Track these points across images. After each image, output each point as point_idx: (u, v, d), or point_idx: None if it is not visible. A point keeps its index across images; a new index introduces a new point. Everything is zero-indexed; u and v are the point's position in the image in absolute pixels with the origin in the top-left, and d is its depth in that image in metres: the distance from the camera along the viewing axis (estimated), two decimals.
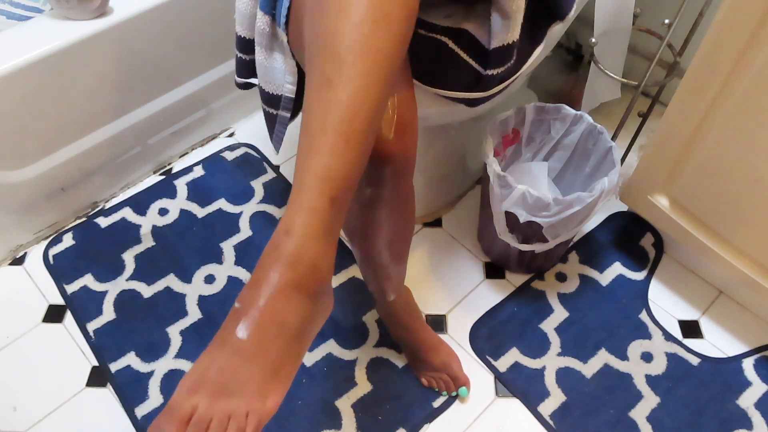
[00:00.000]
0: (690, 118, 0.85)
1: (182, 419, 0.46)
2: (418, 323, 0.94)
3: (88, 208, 1.21)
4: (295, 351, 0.50)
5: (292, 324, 0.49)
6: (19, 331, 1.04)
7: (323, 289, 0.51)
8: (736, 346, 1.01)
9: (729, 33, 0.75)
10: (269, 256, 0.49)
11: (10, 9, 1.12)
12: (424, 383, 0.97)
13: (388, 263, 0.78)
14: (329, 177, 0.48)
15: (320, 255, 0.49)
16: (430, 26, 0.73)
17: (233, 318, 0.48)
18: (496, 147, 0.99)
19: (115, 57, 1.05)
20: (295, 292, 0.49)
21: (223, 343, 0.48)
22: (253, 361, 0.47)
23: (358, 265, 0.84)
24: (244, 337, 0.47)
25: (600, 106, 1.14)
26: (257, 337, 0.47)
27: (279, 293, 0.48)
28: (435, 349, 0.95)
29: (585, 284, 1.08)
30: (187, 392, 0.47)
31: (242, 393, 0.47)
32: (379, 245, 0.74)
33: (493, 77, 0.72)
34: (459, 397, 0.96)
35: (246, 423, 0.46)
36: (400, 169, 0.63)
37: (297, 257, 0.48)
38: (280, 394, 0.49)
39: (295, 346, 0.50)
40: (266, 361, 0.48)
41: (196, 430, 0.46)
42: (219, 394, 0.47)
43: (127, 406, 0.96)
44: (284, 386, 0.49)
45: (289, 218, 0.49)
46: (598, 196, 0.87)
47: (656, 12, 1.06)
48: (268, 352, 0.48)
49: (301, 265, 0.48)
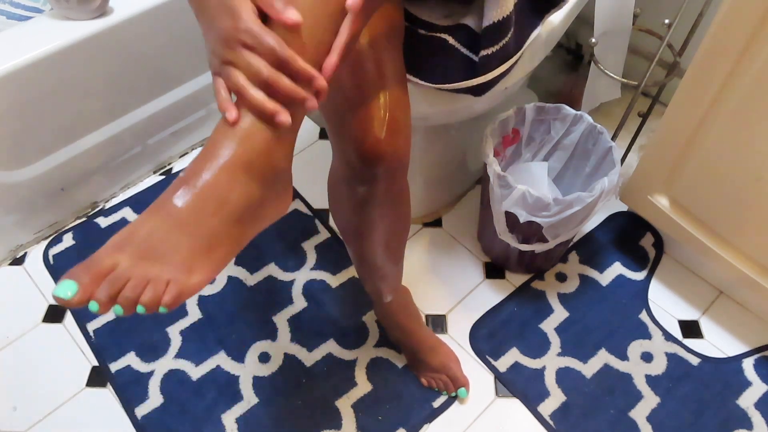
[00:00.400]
0: (690, 118, 0.85)
1: (99, 273, 0.43)
2: (416, 324, 0.94)
3: (88, 208, 1.21)
4: (233, 233, 0.47)
5: (234, 203, 0.46)
6: (19, 331, 1.04)
7: (277, 176, 0.49)
8: (736, 346, 1.01)
9: (729, 33, 0.75)
10: (220, 131, 0.47)
11: (10, 9, 1.12)
12: (424, 383, 0.97)
13: (383, 263, 0.78)
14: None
15: (275, 139, 0.47)
16: (430, 26, 0.73)
17: (174, 186, 0.46)
18: (496, 147, 0.99)
19: (114, 57, 1.05)
20: (242, 172, 0.46)
21: (159, 208, 0.46)
22: (184, 231, 0.45)
23: (354, 266, 0.84)
24: (180, 205, 0.45)
25: (600, 106, 1.14)
26: (193, 208, 0.45)
27: (224, 169, 0.46)
28: (434, 349, 0.95)
29: (585, 284, 1.08)
30: (111, 249, 0.45)
31: (167, 261, 0.45)
32: (373, 245, 0.74)
33: (489, 57, 0.71)
34: (458, 398, 0.96)
35: (164, 291, 0.44)
36: (393, 168, 0.62)
37: (248, 135, 0.46)
38: (208, 273, 0.46)
39: (235, 228, 0.47)
40: (199, 235, 0.45)
41: (110, 285, 0.43)
42: (143, 257, 0.44)
43: (127, 406, 0.96)
44: (215, 266, 0.47)
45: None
46: (598, 196, 0.87)
47: (656, 12, 1.06)
48: (202, 226, 0.46)
49: (252, 144, 0.46)
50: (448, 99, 0.78)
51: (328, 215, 1.18)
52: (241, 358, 1.00)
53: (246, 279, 1.09)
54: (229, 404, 0.95)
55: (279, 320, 1.04)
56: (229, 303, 1.06)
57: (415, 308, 0.94)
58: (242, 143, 0.46)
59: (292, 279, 1.09)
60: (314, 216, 1.18)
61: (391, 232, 0.73)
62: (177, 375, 0.98)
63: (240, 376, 0.98)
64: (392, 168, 0.62)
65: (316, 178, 1.22)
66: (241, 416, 0.94)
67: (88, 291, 0.42)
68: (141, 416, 0.94)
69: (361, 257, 0.77)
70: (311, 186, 1.22)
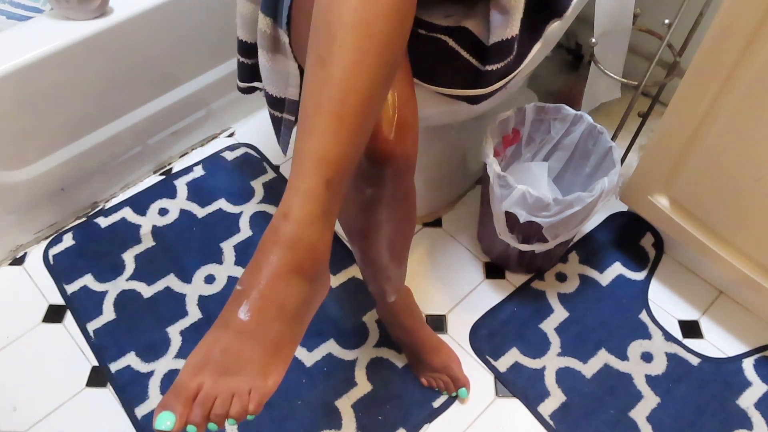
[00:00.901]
0: (690, 118, 0.85)
1: (189, 397, 0.47)
2: (418, 324, 0.94)
3: (88, 208, 1.21)
4: (294, 331, 0.51)
5: (292, 305, 0.50)
6: (19, 331, 1.04)
7: (321, 270, 0.52)
8: (736, 346, 1.01)
9: (729, 33, 0.75)
10: (269, 240, 0.50)
11: (10, 9, 1.12)
12: (424, 383, 0.97)
13: (388, 264, 0.78)
14: (324, 158, 0.49)
15: (318, 237, 0.50)
16: (431, 26, 0.73)
17: (235, 300, 0.49)
18: (496, 147, 0.99)
19: (115, 57, 1.05)
20: (295, 275, 0.50)
21: (226, 324, 0.49)
22: (254, 341, 0.49)
23: (359, 266, 0.84)
24: (246, 318, 0.48)
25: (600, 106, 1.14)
26: (258, 319, 0.49)
27: (279, 276, 0.49)
28: (435, 350, 0.95)
29: (585, 284, 1.08)
30: (192, 372, 0.48)
31: (245, 372, 0.48)
32: (379, 246, 0.74)
33: (493, 73, 0.72)
34: (459, 398, 0.96)
35: (249, 400, 0.48)
36: (401, 169, 0.62)
37: (295, 240, 0.49)
38: (281, 372, 0.50)
39: (295, 327, 0.51)
40: (267, 341, 0.49)
41: (201, 407, 0.47)
42: (223, 373, 0.48)
43: (127, 406, 0.96)
44: (284, 365, 0.51)
45: (288, 201, 0.49)
46: (598, 196, 0.87)
47: (656, 12, 1.06)
48: (269, 333, 0.49)
49: (300, 247, 0.49)
50: (447, 100, 0.78)
51: None
52: None
53: None
54: None
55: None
56: None
57: (417, 308, 0.95)
58: (291, 249, 0.49)
59: None
60: None
61: (397, 232, 0.73)
62: (177, 375, 0.98)
63: None
64: (400, 168, 0.62)
65: None
66: None
67: (184, 417, 0.47)
68: (141, 416, 0.94)
69: (367, 258, 0.77)
70: None
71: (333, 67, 0.48)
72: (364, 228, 0.71)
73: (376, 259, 0.77)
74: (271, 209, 1.19)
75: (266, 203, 1.20)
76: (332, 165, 0.49)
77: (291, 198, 0.49)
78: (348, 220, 0.74)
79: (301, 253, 0.49)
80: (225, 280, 1.09)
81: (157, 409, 0.47)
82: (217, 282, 1.09)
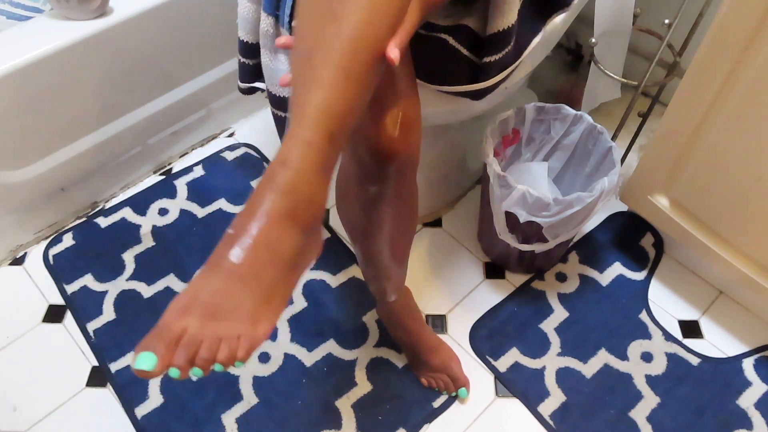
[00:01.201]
0: (690, 118, 0.85)
1: (172, 340, 0.45)
2: (418, 324, 0.94)
3: (88, 208, 1.21)
4: (286, 280, 0.50)
5: (285, 253, 0.48)
6: (19, 331, 1.04)
7: (315, 224, 0.51)
8: (736, 346, 1.01)
9: (729, 33, 0.75)
10: (265, 186, 0.48)
11: (10, 9, 1.12)
12: (424, 383, 0.97)
13: (389, 263, 0.78)
14: (329, 111, 0.48)
15: (316, 189, 0.49)
16: (431, 26, 0.73)
17: (226, 243, 0.47)
18: (496, 147, 0.99)
19: (115, 57, 1.05)
20: (290, 222, 0.48)
21: (216, 266, 0.47)
22: (245, 286, 0.47)
23: (360, 265, 0.84)
24: (237, 261, 0.46)
25: (600, 106, 1.14)
26: (251, 262, 0.47)
27: (274, 221, 0.47)
28: (435, 349, 0.95)
29: (585, 284, 1.08)
30: (177, 313, 0.46)
31: (234, 317, 0.46)
32: (381, 244, 0.74)
33: (492, 64, 0.72)
34: (458, 398, 0.96)
35: (237, 346, 0.46)
36: (404, 167, 0.63)
37: (293, 187, 0.48)
38: (271, 320, 0.48)
39: (287, 275, 0.49)
40: (259, 287, 0.47)
41: (186, 350, 0.45)
42: (211, 317, 0.46)
43: (127, 406, 0.96)
44: (275, 313, 0.49)
45: (287, 149, 0.48)
46: (598, 196, 0.87)
47: (656, 12, 1.06)
48: (261, 278, 0.47)
49: (297, 195, 0.48)
50: (448, 99, 0.78)
51: (328, 215, 1.18)
52: None
53: None
54: (229, 404, 0.95)
55: (279, 320, 1.04)
56: None
57: (416, 308, 0.95)
58: (287, 195, 0.47)
59: None
60: None
61: (399, 230, 0.74)
62: None
63: (240, 376, 0.98)
64: (404, 166, 0.62)
65: None
66: (241, 416, 0.94)
67: (166, 359, 0.44)
68: (141, 416, 0.94)
69: (369, 257, 0.77)
70: None
71: (345, 21, 0.48)
72: (367, 226, 0.71)
73: (377, 257, 0.77)
74: None
75: None
76: (337, 118, 0.48)
77: (291, 146, 0.48)
78: (351, 218, 0.74)
79: (298, 201, 0.48)
80: None
81: (137, 349, 0.45)
82: None
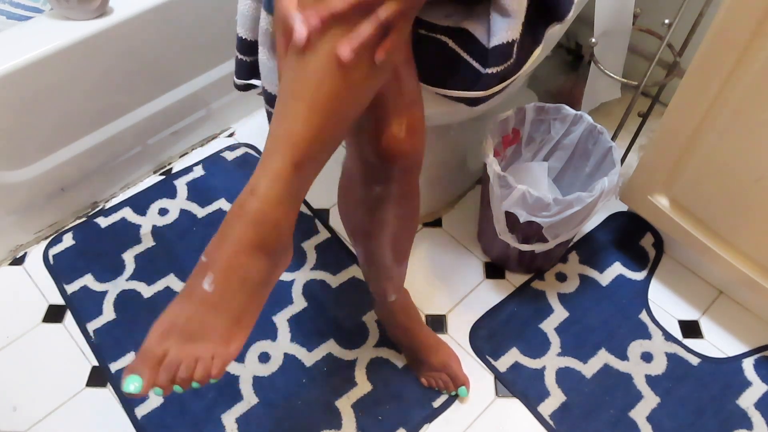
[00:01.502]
0: (690, 118, 0.85)
1: (155, 362, 0.50)
2: (416, 324, 0.94)
3: (88, 208, 1.21)
4: (255, 302, 0.54)
5: (253, 278, 0.52)
6: (19, 331, 1.04)
7: (283, 245, 0.54)
8: (736, 346, 1.01)
9: (729, 33, 0.75)
10: (234, 214, 0.52)
11: (10, 9, 1.12)
12: (424, 383, 0.97)
13: (391, 263, 0.78)
14: (293, 141, 0.51)
15: (282, 217, 0.52)
16: (431, 26, 0.73)
17: (200, 271, 0.52)
18: (496, 147, 0.99)
19: (114, 57, 1.05)
20: (257, 250, 0.52)
21: (190, 294, 0.52)
22: (217, 311, 0.52)
23: (360, 266, 0.84)
24: (209, 289, 0.51)
25: (600, 106, 1.14)
26: (221, 290, 0.51)
27: (242, 250, 0.51)
28: (434, 349, 0.95)
29: (585, 284, 1.08)
30: (158, 338, 0.52)
31: (208, 339, 0.52)
32: (384, 244, 0.74)
33: (493, 76, 0.72)
34: (459, 397, 0.96)
35: (212, 365, 0.51)
36: (409, 167, 0.63)
37: (260, 216, 0.51)
38: (241, 340, 0.53)
39: (255, 298, 0.54)
40: (229, 312, 0.52)
41: (167, 372, 0.50)
42: (187, 340, 0.51)
43: (127, 406, 0.96)
44: (245, 333, 0.54)
45: (255, 179, 0.51)
46: (598, 196, 0.87)
47: (656, 12, 1.06)
48: (231, 304, 0.52)
49: (264, 225, 0.51)
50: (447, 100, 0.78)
51: (328, 215, 1.18)
52: (241, 358, 1.00)
53: None
54: (229, 404, 0.95)
55: (279, 320, 1.04)
56: None
57: (415, 308, 0.95)
58: (255, 225, 0.51)
59: (292, 279, 1.09)
60: (314, 216, 1.18)
61: (402, 230, 0.74)
62: None
63: (240, 376, 0.98)
64: (408, 166, 0.63)
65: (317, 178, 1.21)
66: (241, 416, 0.94)
67: (150, 381, 0.50)
68: (141, 416, 0.94)
69: (371, 257, 0.78)
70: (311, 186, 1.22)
71: (310, 57, 0.50)
72: (370, 226, 0.72)
73: (380, 258, 0.77)
74: None
75: None
76: (301, 148, 0.51)
77: (259, 176, 0.51)
78: (354, 218, 0.75)
79: (265, 230, 0.51)
80: None
81: (125, 373, 0.50)
82: None
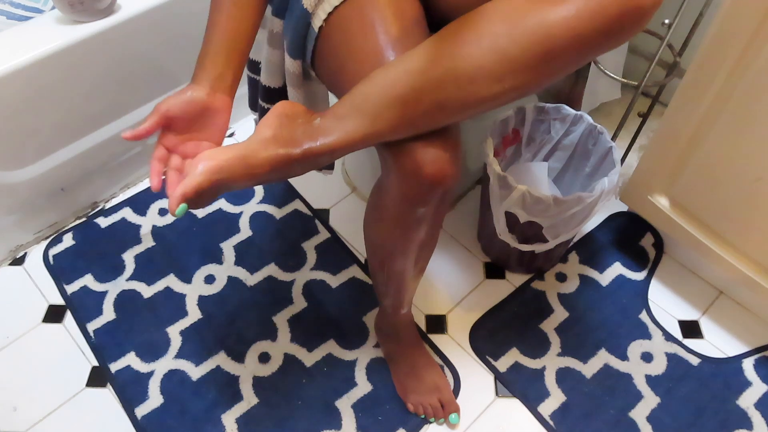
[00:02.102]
0: (690, 118, 0.85)
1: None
2: (417, 339, 0.96)
3: (88, 208, 1.21)
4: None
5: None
6: (19, 331, 1.04)
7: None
8: (736, 346, 1.01)
9: (729, 33, 0.75)
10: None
11: (10, 9, 1.12)
12: (410, 409, 0.94)
13: (410, 278, 0.79)
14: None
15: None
16: None
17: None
18: (496, 147, 0.99)
19: (115, 57, 1.05)
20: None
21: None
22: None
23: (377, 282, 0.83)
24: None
25: (600, 106, 1.14)
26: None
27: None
28: (428, 368, 0.95)
29: (585, 284, 1.08)
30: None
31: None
32: (408, 262, 0.75)
33: None
34: (449, 424, 0.93)
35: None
36: (450, 189, 0.63)
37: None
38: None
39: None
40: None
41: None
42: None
43: (127, 406, 0.96)
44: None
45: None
46: (598, 196, 0.87)
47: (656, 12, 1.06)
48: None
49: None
50: None
51: (328, 215, 1.18)
52: (241, 358, 1.00)
53: (246, 279, 1.09)
54: (229, 404, 0.95)
55: (279, 320, 1.04)
56: (229, 303, 1.06)
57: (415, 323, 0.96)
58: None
59: (292, 279, 1.09)
60: (314, 216, 1.18)
61: (429, 246, 0.75)
62: (177, 375, 0.98)
63: (240, 376, 0.98)
64: (449, 189, 0.63)
65: (316, 178, 1.22)
66: (241, 416, 0.94)
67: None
68: (141, 416, 0.94)
69: (394, 273, 0.78)
70: (311, 186, 1.22)
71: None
72: (404, 246, 0.72)
73: (404, 273, 0.77)
74: (271, 209, 1.20)
75: (266, 203, 1.20)
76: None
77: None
78: (385, 238, 0.73)
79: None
80: (225, 280, 1.09)
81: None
82: (217, 282, 1.09)
